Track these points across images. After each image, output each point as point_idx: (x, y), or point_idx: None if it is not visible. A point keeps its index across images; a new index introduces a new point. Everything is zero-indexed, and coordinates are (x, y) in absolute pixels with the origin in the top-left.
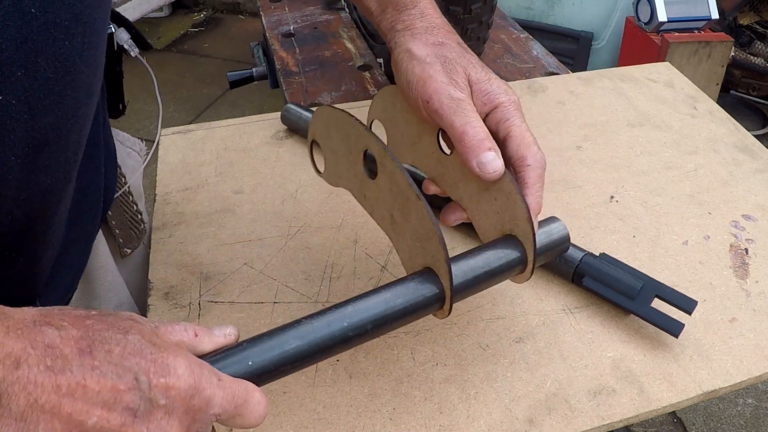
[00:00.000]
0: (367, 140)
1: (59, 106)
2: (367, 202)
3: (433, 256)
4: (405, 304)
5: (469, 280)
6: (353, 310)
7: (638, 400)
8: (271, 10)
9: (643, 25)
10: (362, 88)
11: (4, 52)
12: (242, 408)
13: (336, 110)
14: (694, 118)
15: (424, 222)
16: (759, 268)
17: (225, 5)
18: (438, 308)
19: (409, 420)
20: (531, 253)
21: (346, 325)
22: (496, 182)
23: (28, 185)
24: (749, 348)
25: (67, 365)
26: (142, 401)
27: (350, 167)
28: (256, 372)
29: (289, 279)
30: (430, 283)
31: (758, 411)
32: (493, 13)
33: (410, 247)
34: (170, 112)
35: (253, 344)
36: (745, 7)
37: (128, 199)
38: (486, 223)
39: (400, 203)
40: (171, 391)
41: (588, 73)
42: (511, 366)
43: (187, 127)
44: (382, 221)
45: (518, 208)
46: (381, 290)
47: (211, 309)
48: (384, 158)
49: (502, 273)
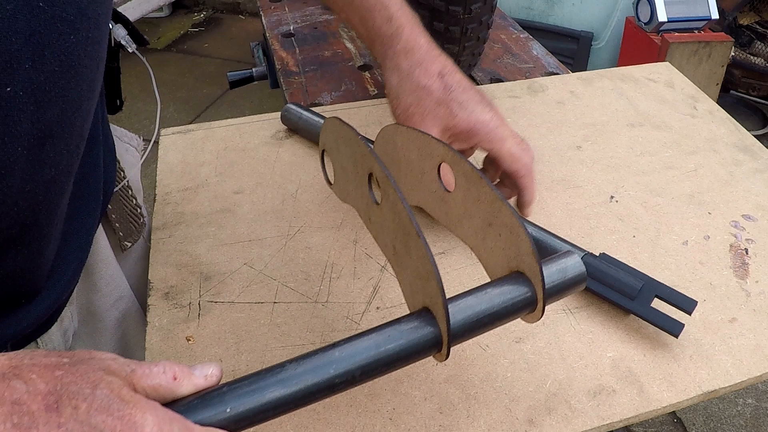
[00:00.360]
0: (371, 163)
1: (64, 99)
2: (372, 226)
3: (432, 299)
4: (397, 349)
5: (471, 323)
6: (341, 355)
7: (638, 400)
8: (271, 10)
9: (643, 25)
10: (362, 88)
11: (13, 44)
12: None
13: (344, 126)
14: (694, 118)
15: (423, 261)
16: (759, 268)
17: (225, 5)
18: (435, 351)
19: (409, 420)
20: (540, 290)
21: (333, 373)
22: (499, 216)
23: (34, 177)
24: (749, 348)
25: (34, 423)
26: None
27: (357, 187)
28: (234, 419)
29: (289, 279)
30: (428, 326)
31: (758, 411)
32: (493, 13)
33: (411, 283)
34: (170, 112)
35: (233, 389)
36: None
37: (127, 193)
38: (492, 260)
39: (402, 236)
40: None
41: (588, 73)
42: (511, 366)
43: (187, 127)
44: (385, 249)
45: (522, 243)
46: (372, 333)
47: (211, 309)
48: (387, 186)
49: (508, 314)
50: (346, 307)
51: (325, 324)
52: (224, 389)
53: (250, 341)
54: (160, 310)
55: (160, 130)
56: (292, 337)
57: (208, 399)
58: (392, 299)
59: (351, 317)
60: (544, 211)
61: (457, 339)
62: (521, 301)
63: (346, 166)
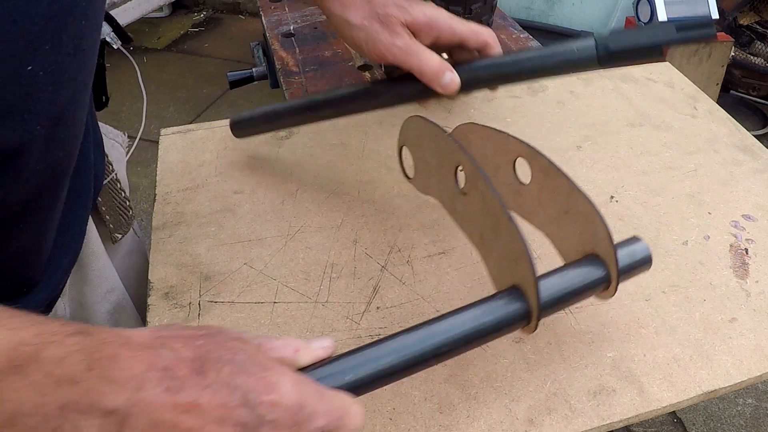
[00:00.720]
0: (459, 158)
1: (74, 82)
2: (457, 216)
3: (522, 277)
4: (494, 321)
5: (555, 298)
6: (445, 327)
7: (638, 400)
8: (271, 10)
9: (643, 25)
10: None
11: (35, 26)
12: (343, 420)
13: (429, 123)
14: (694, 118)
15: (515, 244)
16: (759, 268)
17: (225, 5)
18: (525, 324)
19: (409, 420)
20: (614, 270)
21: (439, 342)
22: (576, 205)
23: (46, 157)
24: (749, 348)
25: (183, 386)
26: (251, 417)
27: (441, 180)
28: (353, 385)
29: (289, 279)
30: (518, 302)
31: (758, 411)
32: (493, 13)
33: (498, 265)
34: (170, 112)
35: (349, 358)
36: (745, 7)
37: (116, 186)
38: (567, 245)
39: (491, 223)
40: (277, 407)
41: (588, 73)
42: (511, 366)
43: (187, 127)
44: (471, 237)
45: (599, 229)
46: (469, 308)
47: (211, 309)
48: (476, 178)
49: (585, 291)
50: (346, 307)
51: (325, 324)
52: (341, 359)
53: None
54: (160, 310)
55: (160, 130)
56: (292, 336)
57: (328, 368)
58: (392, 299)
59: (351, 317)
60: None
61: (544, 313)
62: (598, 280)
63: (430, 160)
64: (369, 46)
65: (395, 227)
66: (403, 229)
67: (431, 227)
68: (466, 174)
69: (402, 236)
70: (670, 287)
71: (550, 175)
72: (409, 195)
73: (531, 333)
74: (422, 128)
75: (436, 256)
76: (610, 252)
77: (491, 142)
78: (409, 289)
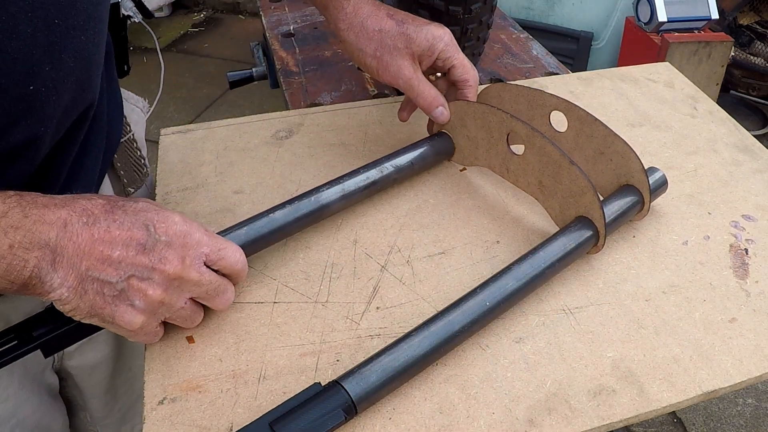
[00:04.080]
0: (511, 124)
1: (78, 83)
2: (511, 174)
3: (587, 206)
4: (574, 245)
5: (612, 220)
6: (545, 255)
7: (638, 400)
8: (271, 10)
9: (643, 25)
10: (362, 88)
11: (34, 56)
12: (224, 252)
13: (473, 103)
14: (694, 118)
15: (578, 181)
16: (759, 268)
17: (225, 5)
18: (594, 245)
19: (409, 420)
20: (647, 194)
21: (544, 265)
22: (612, 145)
23: (56, 136)
24: (749, 348)
25: (97, 221)
26: (149, 239)
27: (491, 148)
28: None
29: (289, 279)
30: (587, 228)
31: (758, 411)
32: (493, 13)
33: (561, 203)
34: (170, 112)
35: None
36: (745, 7)
37: (132, 146)
38: (603, 180)
39: (552, 170)
40: (169, 232)
41: (588, 73)
42: (511, 366)
43: (187, 127)
44: (528, 187)
45: (633, 163)
46: (554, 239)
47: (211, 309)
48: (533, 137)
49: (629, 212)
50: (346, 307)
51: (325, 324)
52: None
53: (250, 341)
54: None
55: (160, 130)
56: (292, 337)
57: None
58: (392, 299)
59: (351, 317)
60: (545, 210)
61: (607, 229)
62: (636, 203)
63: (476, 135)
64: (380, 73)
65: (395, 227)
66: (403, 229)
67: (431, 227)
68: (522, 136)
69: (402, 236)
70: (670, 287)
71: (587, 123)
72: (409, 195)
73: (597, 252)
74: (465, 109)
75: (436, 256)
76: (643, 180)
77: (525, 98)
78: (409, 289)
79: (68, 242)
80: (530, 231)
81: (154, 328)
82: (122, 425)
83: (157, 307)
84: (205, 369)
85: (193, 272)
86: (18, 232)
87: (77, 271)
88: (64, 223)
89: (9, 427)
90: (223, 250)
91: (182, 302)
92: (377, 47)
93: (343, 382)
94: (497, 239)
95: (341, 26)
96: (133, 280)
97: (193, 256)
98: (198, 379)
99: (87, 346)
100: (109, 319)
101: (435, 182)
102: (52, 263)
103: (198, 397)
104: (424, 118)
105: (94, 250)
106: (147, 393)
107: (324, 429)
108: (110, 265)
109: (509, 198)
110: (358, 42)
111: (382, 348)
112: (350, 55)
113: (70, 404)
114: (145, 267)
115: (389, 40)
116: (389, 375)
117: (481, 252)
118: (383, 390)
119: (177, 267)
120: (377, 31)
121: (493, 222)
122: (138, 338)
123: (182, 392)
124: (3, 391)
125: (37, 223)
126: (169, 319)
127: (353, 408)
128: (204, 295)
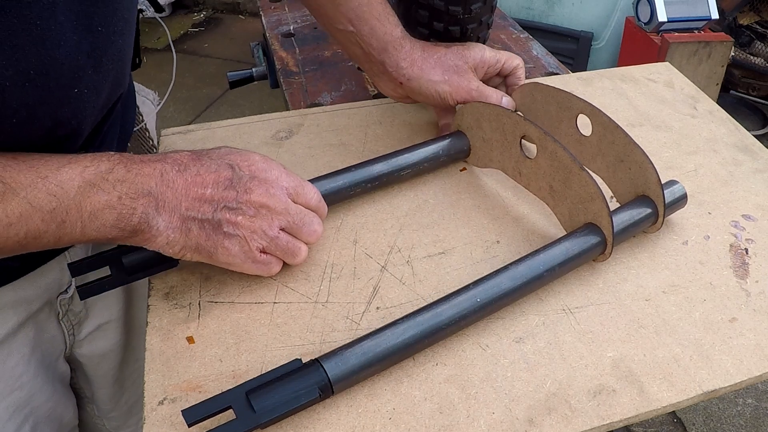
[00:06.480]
0: (525, 128)
1: (115, 79)
2: (523, 177)
3: (596, 213)
4: (578, 251)
5: (621, 229)
6: (546, 257)
7: (638, 400)
8: (271, 10)
9: (643, 25)
10: (362, 88)
11: (79, 61)
12: (301, 189)
13: (488, 105)
14: (694, 118)
15: (588, 188)
16: (759, 268)
17: (225, 5)
18: (600, 253)
19: (409, 420)
20: (662, 208)
21: (542, 268)
22: (631, 155)
23: (93, 123)
24: (749, 348)
25: (188, 167)
26: (234, 176)
27: (504, 151)
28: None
29: (289, 279)
30: (594, 235)
31: (758, 411)
32: (493, 13)
33: (570, 209)
34: (170, 112)
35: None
36: (745, 7)
37: (145, 135)
38: (621, 188)
39: (562, 175)
40: (252, 168)
41: (588, 73)
42: (511, 366)
43: (187, 127)
44: (539, 191)
45: (650, 174)
46: (558, 243)
47: (211, 309)
48: (545, 140)
49: (641, 224)
50: (346, 307)
51: (325, 324)
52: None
53: (250, 341)
54: (160, 310)
55: (161, 131)
56: (292, 337)
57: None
58: (392, 299)
59: (351, 317)
60: (545, 210)
61: (616, 238)
62: (650, 214)
63: (490, 137)
64: (454, 95)
65: (395, 227)
66: (403, 229)
67: (431, 227)
68: (535, 140)
69: (402, 236)
70: (670, 287)
71: (609, 129)
72: (409, 195)
73: (604, 260)
74: (481, 111)
75: (436, 256)
76: (659, 193)
77: (555, 99)
78: (409, 289)
79: (166, 188)
80: (530, 231)
81: (257, 256)
82: (128, 418)
83: (250, 233)
84: (205, 369)
85: (278, 201)
86: (124, 185)
87: (179, 213)
88: (161, 173)
89: (23, 415)
90: (301, 186)
91: (275, 231)
92: (443, 71)
93: (322, 361)
94: (497, 239)
95: (403, 65)
96: (225, 211)
97: (276, 187)
98: (198, 379)
99: (98, 333)
100: (212, 250)
101: (435, 182)
102: (156, 208)
103: (198, 397)
104: (424, 118)
105: (189, 192)
106: (147, 393)
107: (297, 403)
108: (205, 202)
109: (509, 198)
110: (425, 73)
111: (367, 333)
112: (415, 92)
113: (79, 397)
114: (234, 199)
115: (450, 62)
116: (369, 359)
117: (481, 252)
118: (362, 373)
119: (262, 196)
120: (436, 58)
121: (493, 222)
122: (249, 268)
123: (182, 392)
124: (18, 378)
125: (139, 176)
126: (268, 249)
127: (329, 387)
128: (293, 226)
